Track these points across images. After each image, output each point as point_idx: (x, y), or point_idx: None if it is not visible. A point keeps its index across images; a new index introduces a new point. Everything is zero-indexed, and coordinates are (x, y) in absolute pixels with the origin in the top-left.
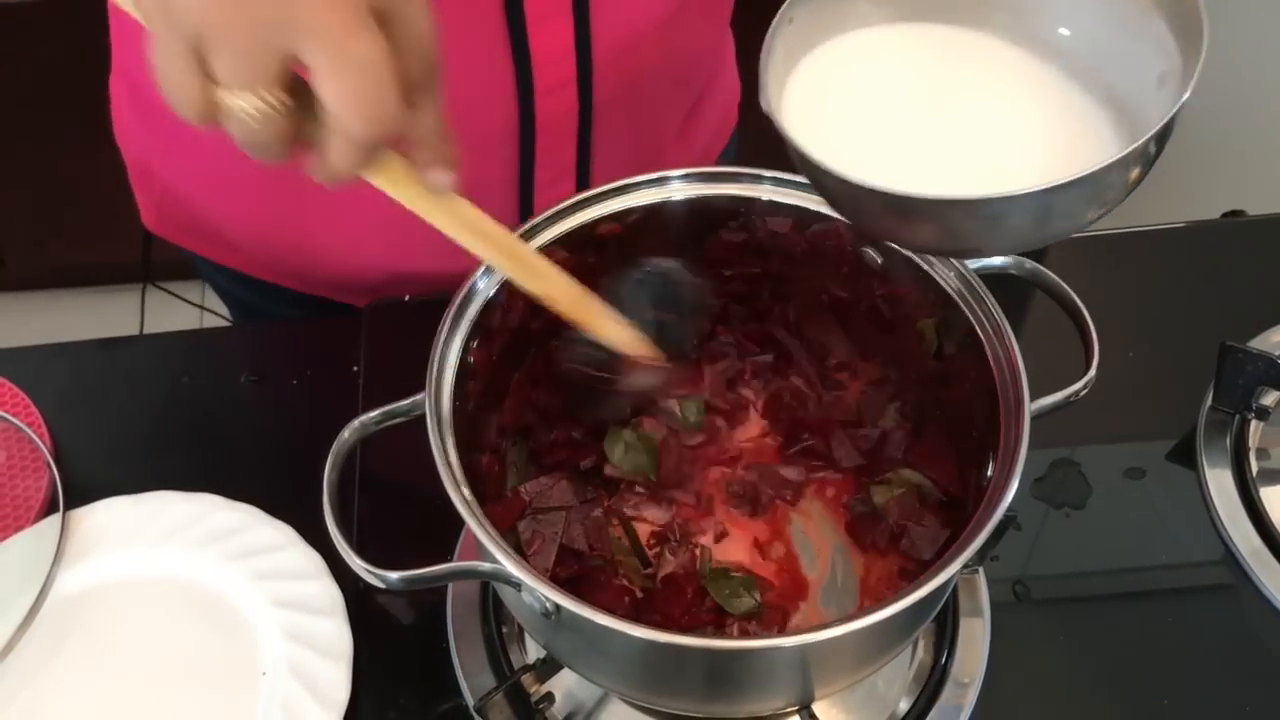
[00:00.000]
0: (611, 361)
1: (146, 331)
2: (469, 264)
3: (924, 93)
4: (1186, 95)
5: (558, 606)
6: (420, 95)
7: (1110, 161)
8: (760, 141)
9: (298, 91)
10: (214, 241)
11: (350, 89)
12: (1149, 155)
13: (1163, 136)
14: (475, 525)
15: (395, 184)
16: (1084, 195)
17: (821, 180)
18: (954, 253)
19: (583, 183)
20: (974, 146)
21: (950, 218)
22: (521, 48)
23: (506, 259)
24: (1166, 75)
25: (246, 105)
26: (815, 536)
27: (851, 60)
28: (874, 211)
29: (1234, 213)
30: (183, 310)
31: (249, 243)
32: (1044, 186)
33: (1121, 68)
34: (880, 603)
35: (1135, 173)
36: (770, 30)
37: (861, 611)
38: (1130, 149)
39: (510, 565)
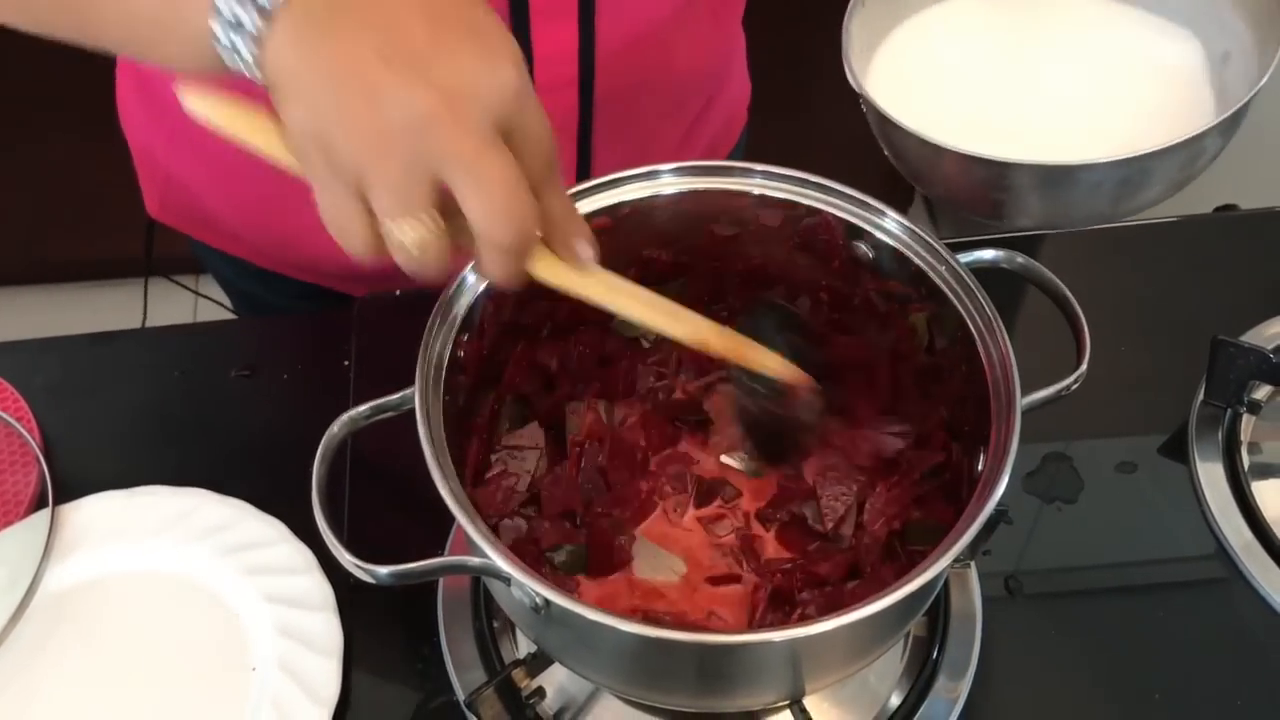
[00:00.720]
0: (781, 400)
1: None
2: (466, 257)
3: (1003, 64)
4: (1267, 76)
5: (547, 601)
6: (546, 187)
7: (1197, 133)
8: (767, 142)
9: (449, 210)
10: (216, 229)
11: (490, 205)
12: (1228, 130)
13: (1240, 113)
14: (465, 519)
15: (549, 270)
16: (1170, 164)
17: (907, 147)
18: (1027, 219)
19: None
20: (1055, 117)
21: (1036, 182)
22: (524, 44)
23: (661, 315)
24: (1231, 54)
25: (409, 234)
26: None
27: (931, 35)
28: (969, 179)
29: (1226, 207)
30: (179, 305)
31: (252, 230)
32: (1137, 154)
33: (1184, 47)
34: (870, 598)
35: (1215, 146)
36: (847, 12)
37: (852, 607)
38: (1216, 120)
39: (500, 560)
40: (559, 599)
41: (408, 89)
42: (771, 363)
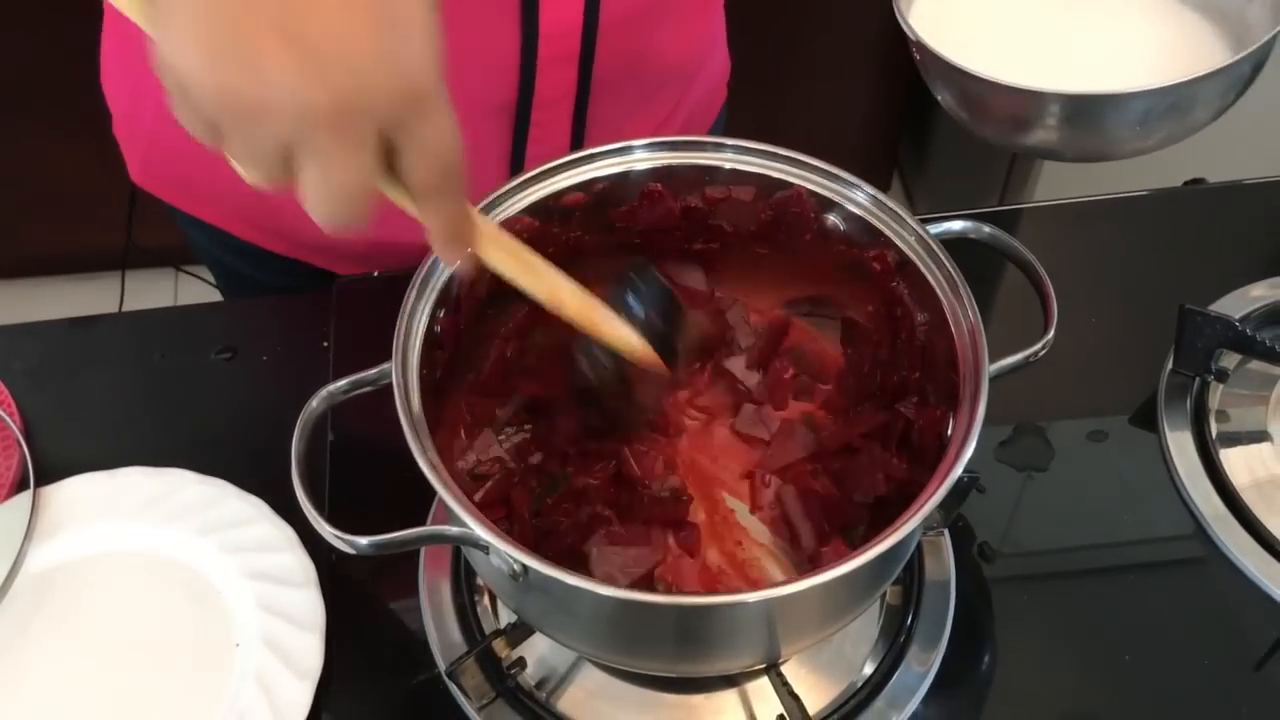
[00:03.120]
0: (621, 374)
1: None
2: None
3: (1044, 5)
4: None
5: (525, 568)
6: (437, 197)
7: (1225, 65)
8: (745, 117)
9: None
10: (196, 193)
11: (321, 197)
12: (1250, 69)
13: (1263, 55)
14: (441, 488)
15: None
16: (1210, 92)
17: (953, 82)
18: (1056, 153)
19: None
20: (1090, 51)
21: (1068, 112)
22: (531, 17)
23: (523, 270)
24: None
25: (252, 177)
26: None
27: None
28: (1007, 111)
29: (1195, 181)
30: (159, 297)
31: (232, 195)
32: (1183, 79)
33: None
34: (842, 558)
35: (1239, 82)
36: None
37: (824, 567)
38: (1244, 53)
39: (478, 528)
40: (536, 564)
41: (296, 76)
42: (624, 339)
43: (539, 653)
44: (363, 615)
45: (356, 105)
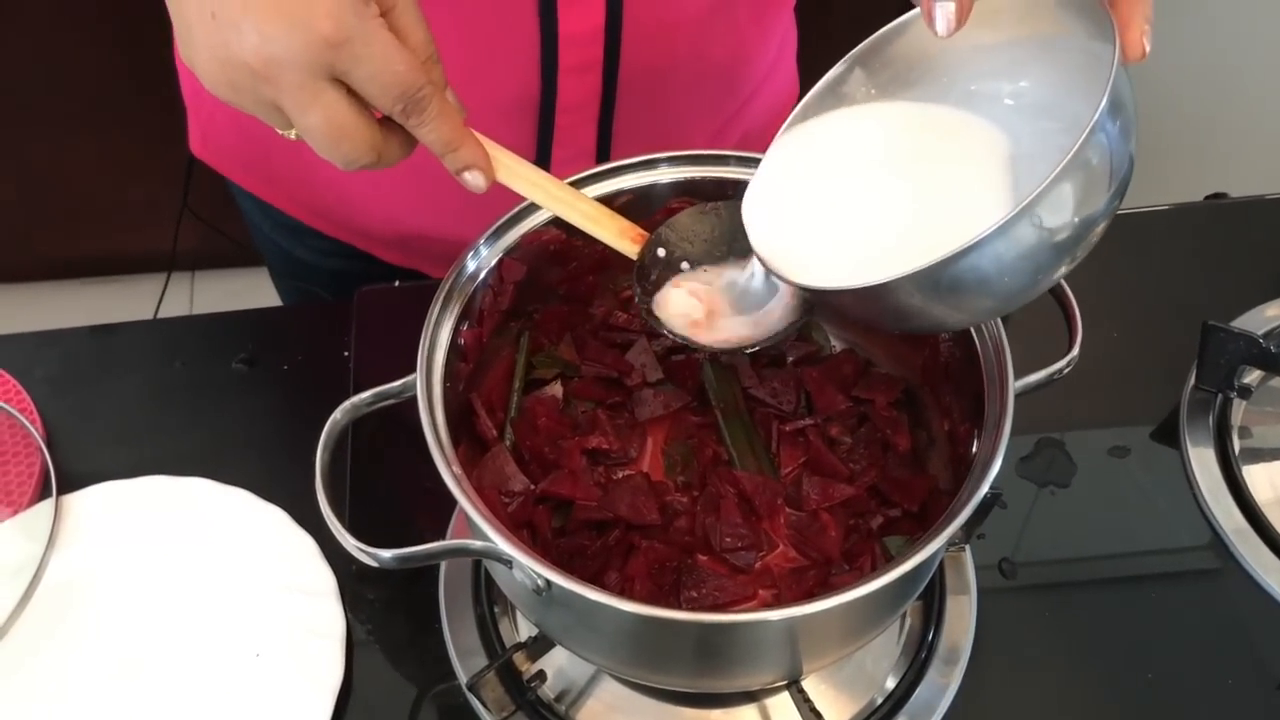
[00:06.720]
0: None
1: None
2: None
3: (879, 172)
4: (1099, 111)
5: (549, 583)
6: (409, 117)
7: (1008, 217)
8: None
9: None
10: (250, 169)
11: (318, 144)
12: (1069, 194)
13: (1082, 165)
14: (466, 502)
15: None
16: (1009, 252)
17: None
18: (933, 328)
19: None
20: (935, 218)
21: (904, 295)
22: (550, 24)
23: (583, 217)
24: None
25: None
26: None
27: (797, 157)
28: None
29: (1217, 195)
30: (171, 298)
31: (280, 171)
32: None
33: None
34: (865, 577)
35: (1100, 172)
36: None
37: (847, 586)
38: (1027, 198)
39: (501, 542)
40: (560, 580)
41: (234, 49)
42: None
43: (558, 665)
44: (383, 626)
45: (275, 60)
